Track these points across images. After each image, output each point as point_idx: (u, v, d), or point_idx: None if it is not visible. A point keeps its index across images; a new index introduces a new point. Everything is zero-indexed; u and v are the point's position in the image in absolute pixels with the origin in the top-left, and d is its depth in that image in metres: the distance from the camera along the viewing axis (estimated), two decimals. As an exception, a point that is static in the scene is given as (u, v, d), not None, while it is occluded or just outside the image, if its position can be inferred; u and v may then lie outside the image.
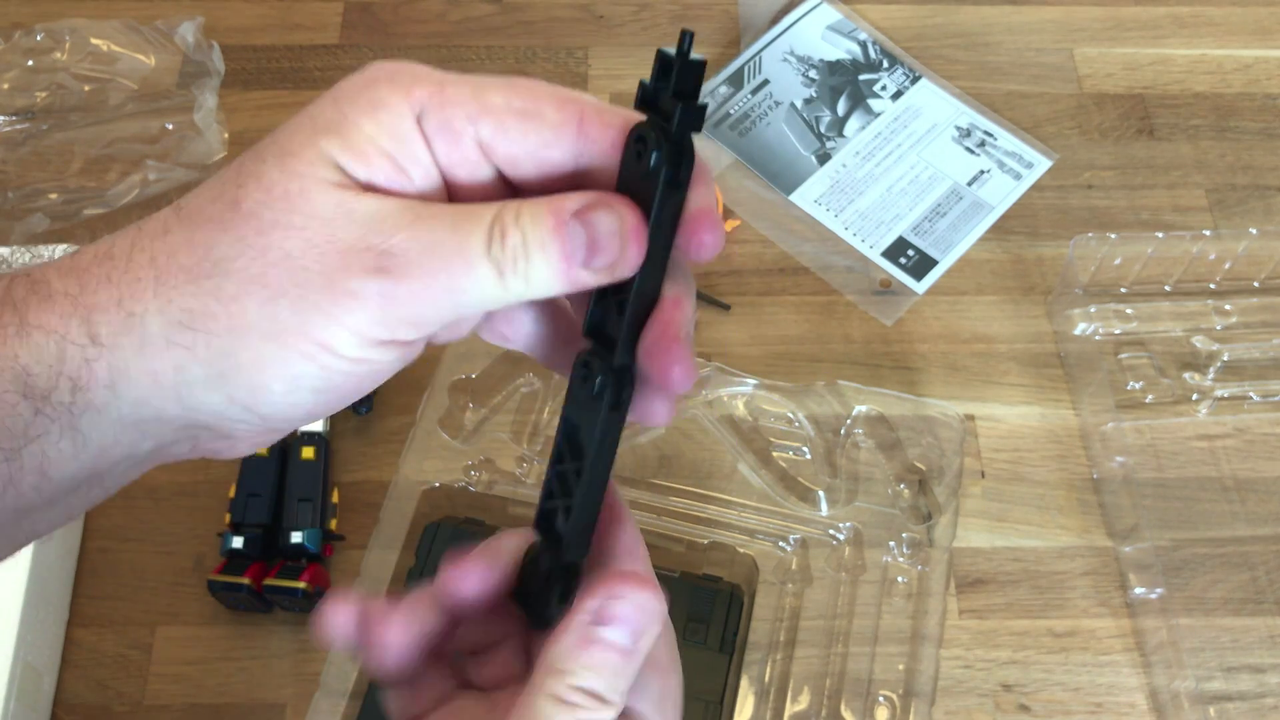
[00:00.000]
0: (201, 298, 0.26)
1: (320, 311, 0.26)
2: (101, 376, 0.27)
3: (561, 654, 0.29)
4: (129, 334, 0.26)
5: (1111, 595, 0.61)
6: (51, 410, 0.27)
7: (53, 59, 0.77)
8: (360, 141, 0.27)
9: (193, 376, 0.27)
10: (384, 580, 0.58)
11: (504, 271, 0.26)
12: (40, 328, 0.26)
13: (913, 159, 0.76)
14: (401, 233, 0.26)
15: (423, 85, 0.27)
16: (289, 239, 0.26)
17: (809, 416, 0.64)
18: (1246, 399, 0.66)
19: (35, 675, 0.55)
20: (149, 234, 0.27)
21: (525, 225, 0.26)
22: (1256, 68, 0.80)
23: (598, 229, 0.26)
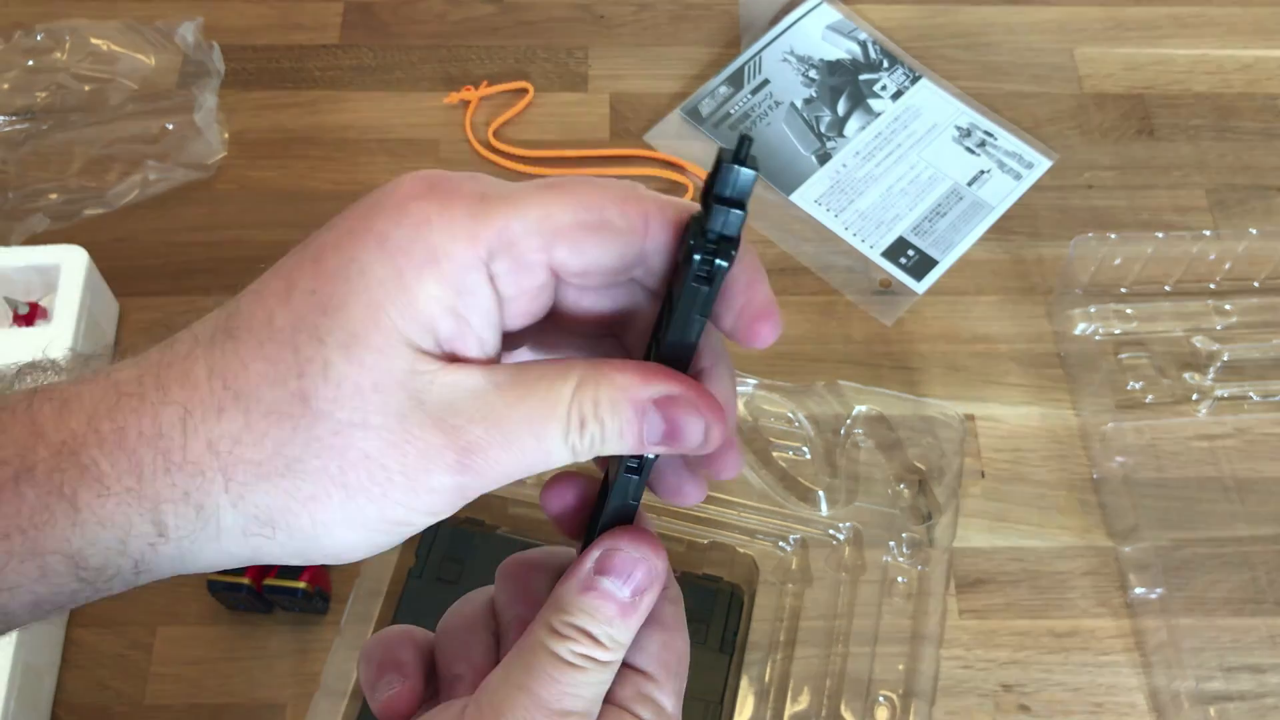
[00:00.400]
0: (278, 496, 0.26)
1: (402, 506, 0.26)
2: (167, 554, 0.27)
3: (563, 593, 0.29)
4: (202, 527, 0.26)
5: (1111, 595, 0.61)
6: (106, 585, 0.27)
7: (53, 59, 0.77)
8: (424, 305, 0.25)
9: (271, 553, 0.27)
10: (384, 580, 0.58)
11: (579, 453, 0.27)
12: (96, 519, 0.26)
13: (913, 159, 0.76)
14: (478, 426, 0.26)
15: (486, 223, 0.26)
16: (367, 440, 0.25)
17: (809, 416, 0.64)
18: (1246, 399, 0.66)
19: (35, 675, 0.55)
20: (199, 413, 0.26)
21: (604, 416, 0.26)
22: (1257, 68, 0.80)
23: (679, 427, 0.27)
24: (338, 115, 0.77)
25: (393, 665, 0.31)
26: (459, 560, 0.58)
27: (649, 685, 0.30)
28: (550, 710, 0.28)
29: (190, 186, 0.73)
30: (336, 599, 0.59)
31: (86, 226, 0.71)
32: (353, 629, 0.57)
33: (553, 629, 0.29)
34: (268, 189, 0.74)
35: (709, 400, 0.27)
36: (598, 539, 0.30)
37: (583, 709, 0.29)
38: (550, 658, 0.28)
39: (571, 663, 0.28)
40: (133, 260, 0.70)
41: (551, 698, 0.28)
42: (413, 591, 0.58)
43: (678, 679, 0.31)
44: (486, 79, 0.78)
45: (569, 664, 0.28)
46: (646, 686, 0.30)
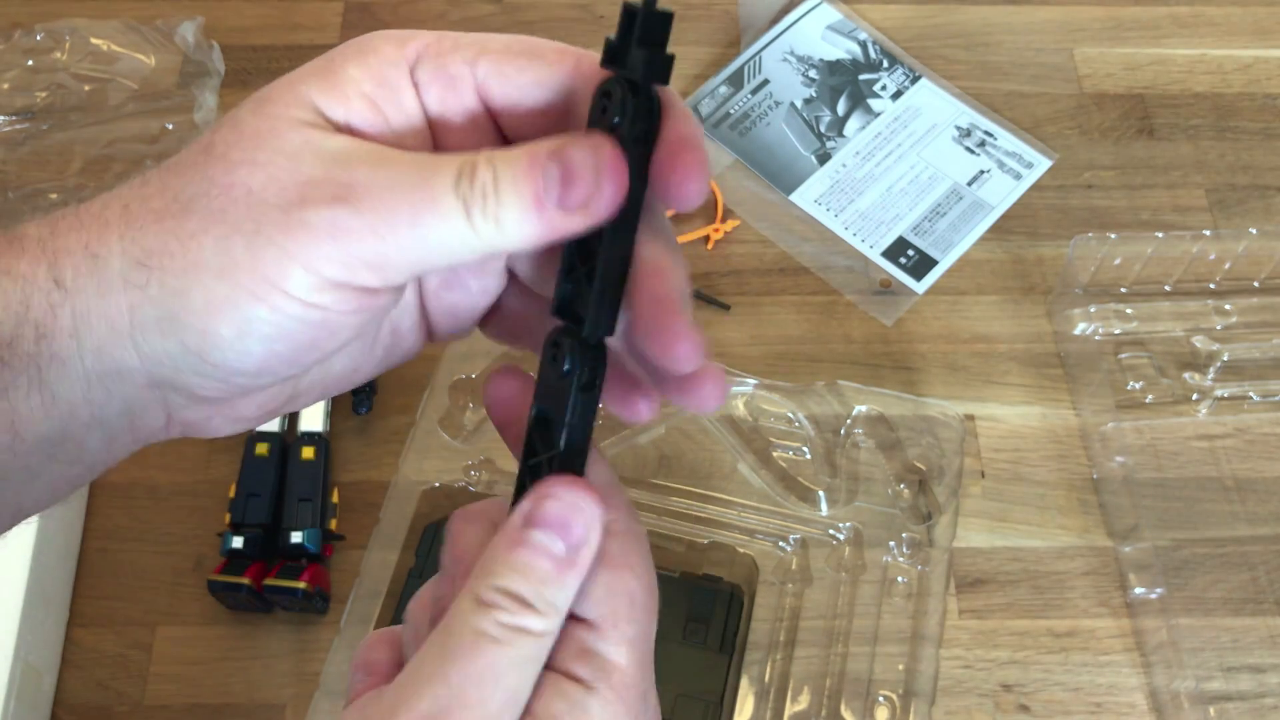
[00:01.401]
0: (162, 236, 0.26)
1: (274, 245, 0.24)
2: (65, 324, 0.26)
3: (488, 556, 0.26)
4: (91, 276, 0.26)
5: (1111, 595, 0.61)
6: (18, 361, 0.26)
7: (53, 59, 0.77)
8: (342, 83, 0.26)
9: (146, 318, 0.26)
10: (384, 580, 0.58)
11: (472, 210, 0.24)
12: (8, 273, 0.26)
13: (913, 159, 0.76)
14: (364, 167, 0.25)
15: (422, 37, 0.27)
16: (253, 175, 0.25)
17: (809, 416, 0.64)
18: (1246, 399, 0.66)
19: (35, 675, 0.55)
20: (130, 185, 0.27)
21: (497, 163, 0.25)
22: (1256, 68, 0.80)
23: (572, 163, 0.25)
24: (338, 115, 0.77)
25: (363, 666, 0.29)
26: (459, 560, 0.58)
27: (591, 636, 0.26)
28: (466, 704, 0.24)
29: (190, 186, 0.73)
30: (336, 599, 0.59)
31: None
32: (353, 629, 0.57)
33: (477, 598, 0.25)
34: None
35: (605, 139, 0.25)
36: (530, 489, 0.27)
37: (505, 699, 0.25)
38: (470, 635, 0.25)
39: (496, 638, 0.25)
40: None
41: (469, 683, 0.24)
42: (412, 591, 0.58)
43: (632, 624, 0.27)
44: (486, 79, 0.78)
45: (494, 640, 0.25)
46: (588, 639, 0.26)
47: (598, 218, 0.25)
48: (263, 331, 0.25)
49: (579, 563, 0.26)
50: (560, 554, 0.26)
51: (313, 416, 0.62)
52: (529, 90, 0.27)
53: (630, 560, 0.27)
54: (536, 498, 0.26)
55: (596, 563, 0.26)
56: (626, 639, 0.26)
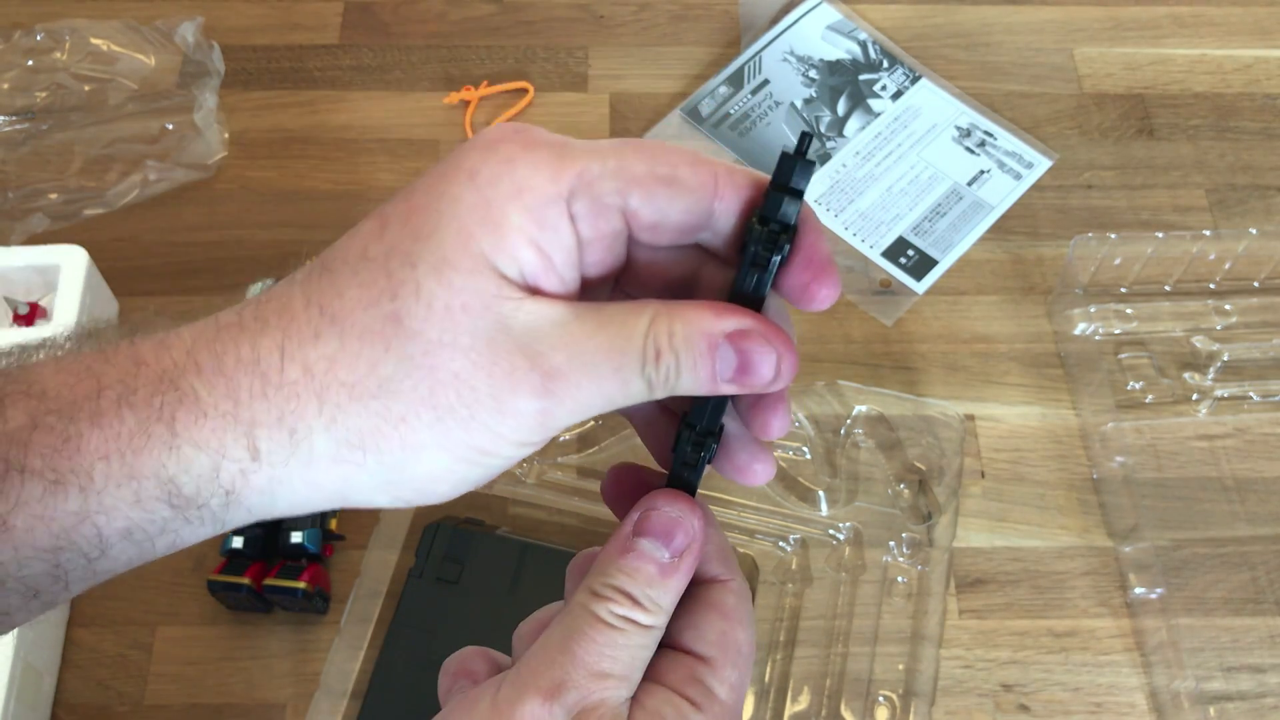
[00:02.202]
0: (370, 418, 0.27)
1: (488, 430, 0.27)
2: (258, 485, 0.27)
3: (603, 560, 0.30)
4: (294, 452, 0.27)
5: (1111, 595, 0.61)
6: (196, 514, 0.27)
7: (53, 59, 0.77)
8: (509, 234, 0.27)
9: (359, 484, 0.27)
10: (384, 580, 0.58)
11: (654, 389, 0.27)
12: (192, 443, 0.27)
13: (913, 159, 0.76)
14: (561, 353, 0.27)
15: (568, 164, 0.27)
16: (455, 359, 0.26)
17: (809, 416, 0.64)
18: (1246, 399, 0.66)
19: (35, 675, 0.55)
20: (297, 338, 0.27)
21: (679, 349, 0.27)
22: (1256, 68, 0.80)
23: (751, 358, 0.27)
24: (337, 115, 0.77)
25: (465, 673, 0.31)
26: (459, 560, 0.58)
27: (702, 669, 0.30)
28: (589, 670, 0.28)
29: (190, 186, 0.73)
30: (336, 599, 0.59)
31: (86, 226, 0.71)
32: (352, 629, 0.57)
33: (593, 591, 0.29)
34: (268, 189, 0.74)
35: (780, 333, 0.28)
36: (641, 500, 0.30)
37: (621, 671, 0.29)
38: (590, 618, 0.29)
39: (610, 623, 0.28)
40: (132, 260, 0.70)
41: (590, 658, 0.28)
42: (413, 591, 0.58)
43: (735, 669, 0.30)
44: (486, 79, 0.78)
45: (608, 624, 0.28)
46: (699, 670, 0.30)
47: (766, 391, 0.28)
48: (473, 480, 0.28)
49: (681, 568, 0.30)
50: (664, 560, 0.29)
51: (313, 416, 0.62)
52: (673, 218, 0.28)
53: (742, 617, 0.31)
54: (644, 509, 0.30)
55: (713, 610, 0.31)
56: (730, 680, 0.30)
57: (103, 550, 0.27)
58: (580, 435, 0.63)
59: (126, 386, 0.27)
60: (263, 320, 0.27)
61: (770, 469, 0.31)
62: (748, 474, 0.31)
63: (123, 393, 0.27)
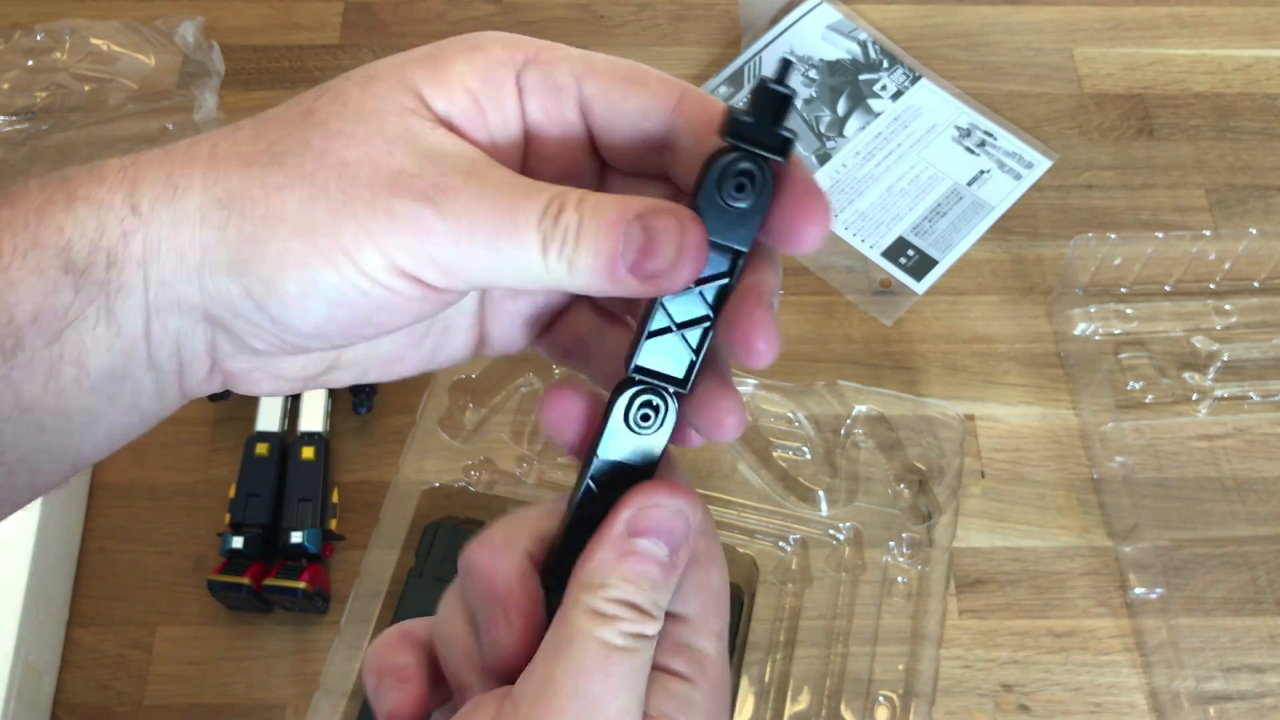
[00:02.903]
0: (247, 181, 0.26)
1: (356, 220, 0.25)
2: (135, 252, 0.26)
3: (597, 567, 0.26)
4: (169, 206, 0.26)
5: (1111, 595, 0.61)
6: (89, 288, 0.26)
7: (53, 59, 0.77)
8: (448, 76, 0.27)
9: (217, 258, 0.26)
10: (384, 580, 0.58)
11: (549, 248, 0.25)
12: (86, 199, 0.26)
13: (913, 159, 0.76)
14: (459, 175, 0.25)
15: (532, 44, 0.28)
16: (349, 148, 0.26)
17: (809, 416, 0.64)
18: (1246, 399, 0.67)
19: (35, 675, 0.55)
20: (221, 131, 0.27)
21: (585, 209, 0.25)
22: (1256, 68, 0.80)
23: (656, 233, 0.25)
24: (338, 115, 0.77)
25: (390, 670, 0.29)
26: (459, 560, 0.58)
27: (685, 631, 0.28)
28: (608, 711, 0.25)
29: (190, 186, 0.73)
30: (336, 599, 0.59)
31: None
32: (353, 629, 0.57)
33: (595, 611, 0.26)
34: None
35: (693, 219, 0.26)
36: (627, 496, 0.27)
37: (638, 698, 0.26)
38: (599, 647, 0.26)
39: (623, 647, 0.26)
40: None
41: (608, 694, 0.25)
42: (413, 591, 0.58)
43: (718, 618, 0.28)
44: (486, 79, 0.78)
45: (621, 649, 0.26)
46: (684, 634, 0.28)
47: (664, 292, 0.26)
48: (326, 295, 0.26)
49: (679, 564, 0.27)
50: (665, 559, 0.27)
51: (313, 416, 0.62)
52: (630, 117, 0.27)
53: (713, 556, 0.29)
54: (640, 506, 0.27)
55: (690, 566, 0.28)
56: (715, 632, 0.28)
57: (16, 342, 0.26)
58: (580, 435, 0.63)
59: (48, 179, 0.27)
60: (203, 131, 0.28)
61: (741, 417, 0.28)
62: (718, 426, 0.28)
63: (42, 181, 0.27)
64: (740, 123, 0.26)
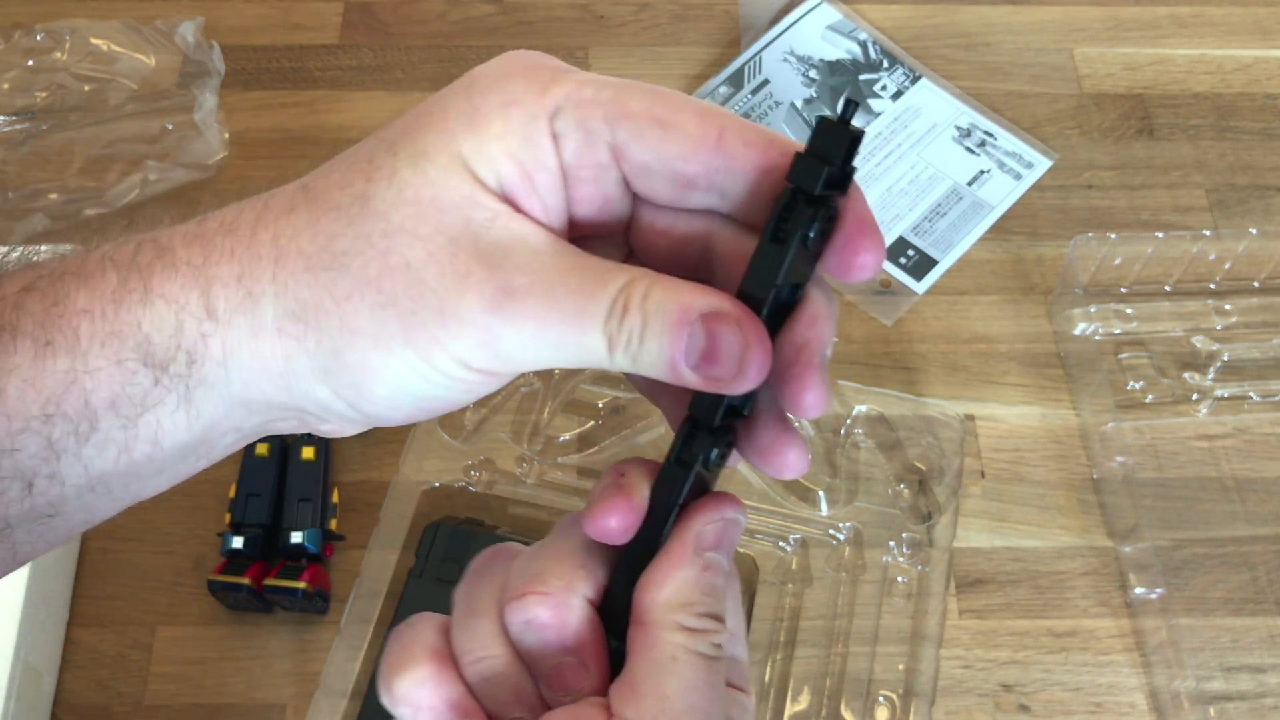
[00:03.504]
0: (316, 291, 0.26)
1: (427, 331, 0.26)
2: (215, 353, 0.27)
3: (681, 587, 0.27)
4: (244, 314, 0.27)
5: (1111, 595, 0.61)
6: (168, 381, 0.27)
7: (53, 59, 0.77)
8: (489, 141, 0.26)
9: (300, 368, 0.27)
10: (384, 580, 0.58)
11: (615, 348, 0.26)
12: (163, 297, 0.27)
13: (913, 159, 0.76)
14: (525, 275, 0.25)
15: (561, 84, 0.26)
16: (412, 247, 0.26)
17: (809, 416, 0.64)
18: (1246, 399, 0.66)
19: (35, 675, 0.55)
20: (275, 210, 0.27)
21: (649, 310, 0.25)
22: (1256, 68, 0.80)
23: (719, 344, 0.25)
24: (338, 115, 0.77)
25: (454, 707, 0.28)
26: (459, 560, 0.58)
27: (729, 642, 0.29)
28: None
29: (190, 186, 0.73)
30: (336, 599, 0.59)
31: (86, 226, 0.71)
32: (353, 629, 0.57)
33: (688, 629, 0.27)
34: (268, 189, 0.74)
35: (756, 326, 0.25)
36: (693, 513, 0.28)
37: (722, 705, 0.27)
38: (703, 663, 0.26)
39: (715, 657, 0.27)
40: (133, 260, 0.70)
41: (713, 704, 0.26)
42: (413, 591, 0.58)
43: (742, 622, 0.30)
44: (486, 79, 0.78)
45: (715, 659, 0.27)
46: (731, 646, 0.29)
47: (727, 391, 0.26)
48: (413, 393, 0.27)
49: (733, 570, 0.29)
50: (727, 567, 0.28)
51: (313, 416, 0.62)
52: (667, 161, 0.27)
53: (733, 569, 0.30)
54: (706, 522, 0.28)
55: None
56: (743, 638, 0.29)
57: (91, 424, 0.27)
58: (580, 435, 0.63)
59: (113, 250, 0.27)
60: (254, 199, 0.28)
61: (804, 456, 0.28)
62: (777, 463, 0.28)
63: (109, 254, 0.27)
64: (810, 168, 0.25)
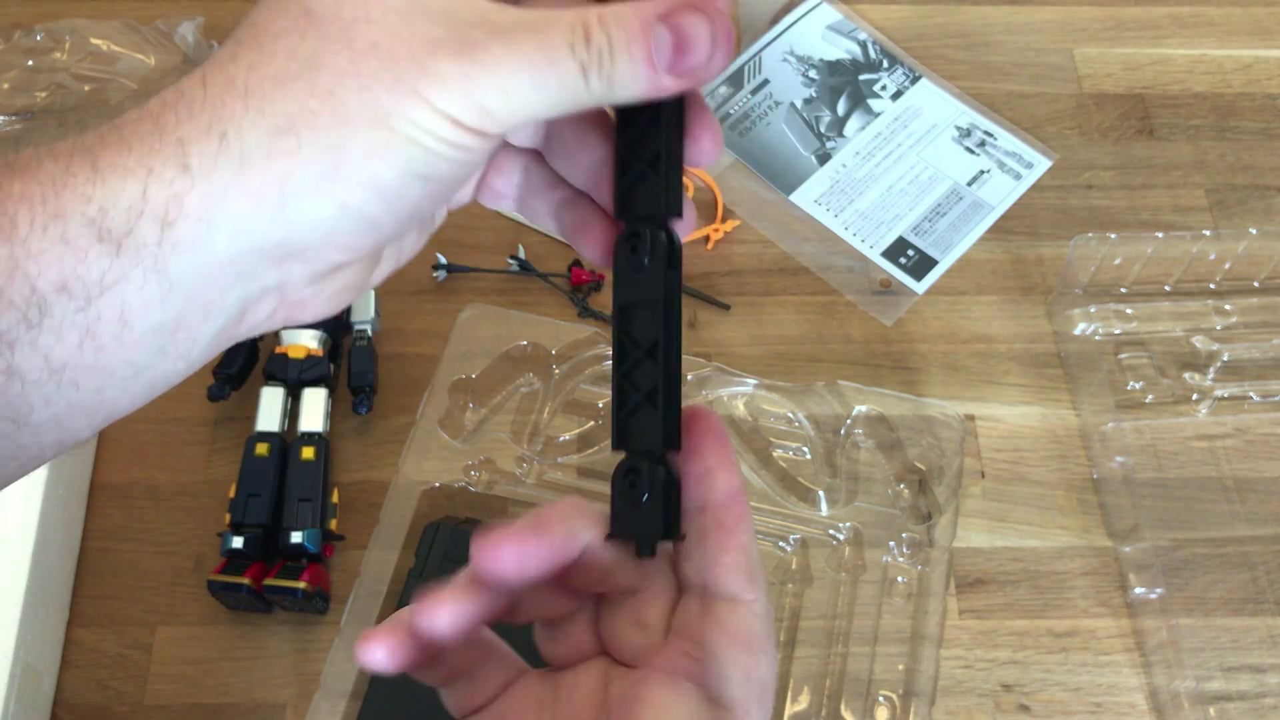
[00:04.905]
0: (297, 99, 0.26)
1: (416, 94, 0.26)
2: (194, 208, 0.26)
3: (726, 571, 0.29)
4: (224, 155, 0.26)
5: (1111, 595, 0.61)
6: (132, 254, 0.26)
7: (53, 59, 0.77)
8: None
9: (300, 184, 0.26)
10: (384, 580, 0.58)
11: (589, 72, 0.26)
12: (115, 168, 0.25)
13: (913, 159, 0.76)
14: (480, 29, 0.26)
15: None
16: (372, 31, 0.26)
17: (809, 416, 0.64)
18: (1246, 399, 0.67)
19: (35, 675, 0.55)
20: (217, 64, 0.27)
21: (610, 28, 0.26)
22: (1256, 68, 0.80)
23: (686, 33, 0.26)
24: (338, 115, 0.77)
25: None
26: (459, 560, 0.58)
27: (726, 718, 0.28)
28: None
29: (190, 186, 0.73)
30: (336, 599, 0.59)
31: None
32: (353, 629, 0.57)
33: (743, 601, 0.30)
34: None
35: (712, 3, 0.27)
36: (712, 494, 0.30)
37: None
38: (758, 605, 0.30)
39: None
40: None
41: None
42: (413, 591, 0.58)
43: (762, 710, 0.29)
44: (486, 79, 0.78)
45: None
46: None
47: (704, 81, 0.27)
48: (418, 170, 0.27)
49: None
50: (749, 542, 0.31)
51: (313, 416, 0.62)
52: None
53: (766, 645, 0.29)
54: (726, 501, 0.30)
55: (737, 644, 0.29)
56: None
57: (42, 310, 0.25)
58: (580, 435, 0.63)
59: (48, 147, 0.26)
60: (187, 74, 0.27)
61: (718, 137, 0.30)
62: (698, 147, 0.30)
63: (43, 149, 0.26)
64: None
